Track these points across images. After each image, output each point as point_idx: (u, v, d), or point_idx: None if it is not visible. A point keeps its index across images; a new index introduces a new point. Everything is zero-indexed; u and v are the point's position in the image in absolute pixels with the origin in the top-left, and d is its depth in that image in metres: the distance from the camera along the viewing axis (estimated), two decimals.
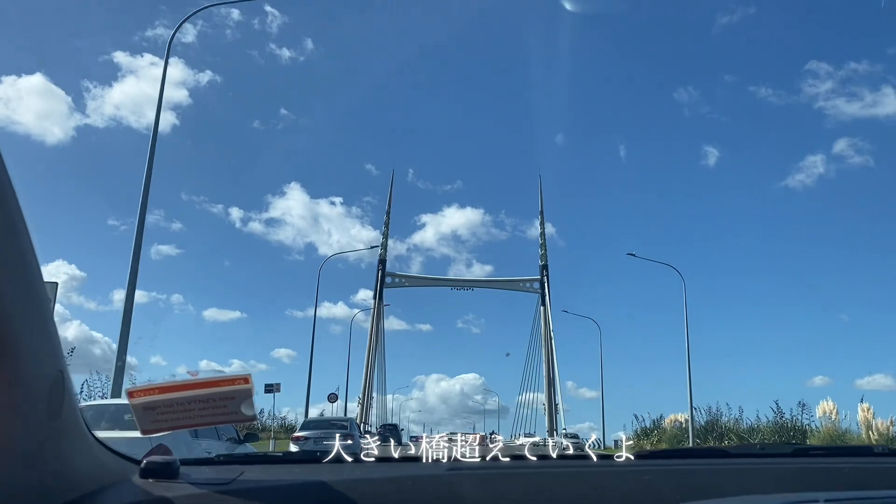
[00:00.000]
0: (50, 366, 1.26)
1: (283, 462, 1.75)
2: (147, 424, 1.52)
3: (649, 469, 1.75)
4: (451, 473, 1.63)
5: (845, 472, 1.76)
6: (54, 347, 1.28)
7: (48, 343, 1.26)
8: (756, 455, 2.00)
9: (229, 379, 1.52)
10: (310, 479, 1.56)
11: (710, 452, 1.97)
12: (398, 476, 1.63)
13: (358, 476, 1.61)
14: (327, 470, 1.65)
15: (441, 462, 1.72)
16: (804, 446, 2.04)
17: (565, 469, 1.78)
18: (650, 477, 1.68)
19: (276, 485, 1.55)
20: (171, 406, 1.51)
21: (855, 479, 1.72)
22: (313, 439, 17.90)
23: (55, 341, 1.28)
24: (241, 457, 1.78)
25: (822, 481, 1.71)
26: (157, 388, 1.50)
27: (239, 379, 1.53)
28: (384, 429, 47.89)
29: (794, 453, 1.98)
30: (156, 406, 1.50)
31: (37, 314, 1.21)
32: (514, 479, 1.66)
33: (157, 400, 1.50)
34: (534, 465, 1.75)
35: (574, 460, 1.90)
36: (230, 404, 1.54)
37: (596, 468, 1.81)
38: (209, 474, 1.59)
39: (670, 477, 1.70)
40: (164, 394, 1.50)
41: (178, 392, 1.51)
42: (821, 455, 1.96)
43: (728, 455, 1.96)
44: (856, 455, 1.98)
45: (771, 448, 2.08)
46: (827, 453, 1.99)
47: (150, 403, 1.50)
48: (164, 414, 1.51)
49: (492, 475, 1.67)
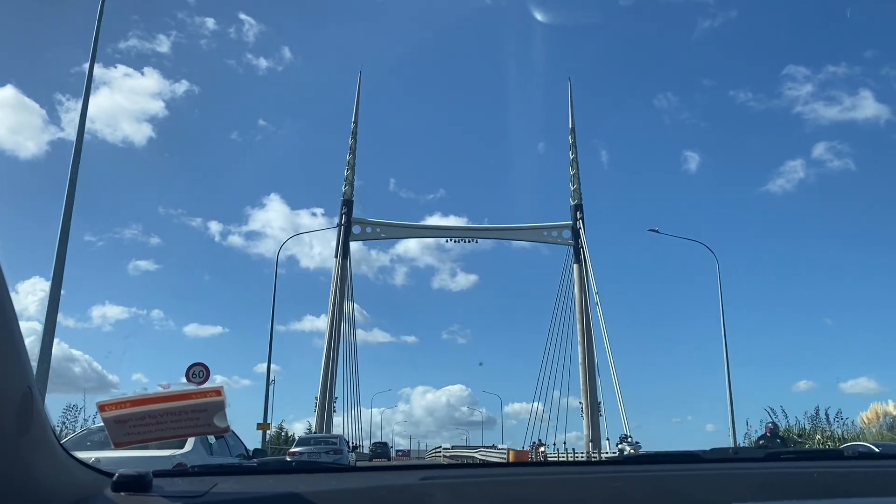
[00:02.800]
0: (18, 382, 1.26)
1: (257, 473, 1.75)
2: (119, 437, 1.53)
3: (621, 475, 1.76)
4: (424, 483, 1.64)
5: (815, 477, 1.78)
6: (22, 364, 1.28)
7: (16, 360, 1.25)
8: (730, 460, 2.03)
9: (201, 392, 1.53)
10: (283, 491, 1.57)
11: (683, 457, 1.99)
12: (372, 486, 1.63)
13: (332, 486, 1.62)
14: (300, 480, 1.66)
15: (416, 471, 1.73)
16: (777, 451, 2.07)
17: (537, 476, 1.80)
18: (621, 483, 1.70)
19: (250, 496, 1.55)
20: (143, 419, 1.52)
21: (826, 483, 1.75)
22: (307, 454, 19.95)
23: (23, 358, 1.28)
24: (214, 468, 1.78)
25: (794, 486, 1.73)
26: (129, 401, 1.51)
27: (211, 391, 1.54)
28: (376, 446, 57.39)
29: (767, 458, 2.00)
30: (127, 419, 1.50)
31: (3, 330, 1.21)
32: (485, 487, 1.67)
33: (129, 413, 1.50)
34: (506, 472, 1.76)
35: (548, 467, 1.91)
36: (202, 416, 1.54)
37: (568, 475, 1.82)
38: (182, 486, 1.59)
39: (642, 483, 1.72)
40: (135, 406, 1.51)
41: (150, 405, 1.51)
42: (793, 460, 1.99)
43: (702, 460, 1.98)
44: (827, 459, 2.01)
45: (744, 452, 2.11)
46: (799, 457, 2.02)
47: (122, 417, 1.50)
48: (135, 427, 1.52)
49: (464, 483, 1.68)
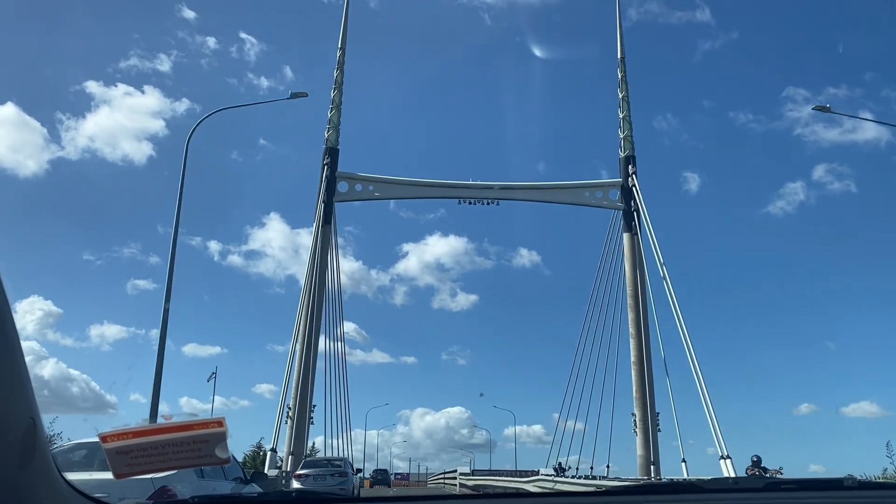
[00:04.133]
0: (22, 413, 1.27)
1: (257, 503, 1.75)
2: (120, 468, 1.53)
3: None
4: None
5: None
6: (27, 394, 1.29)
7: (20, 390, 1.27)
8: (729, 490, 2.02)
9: (203, 423, 1.54)
10: None
11: (683, 487, 1.99)
12: None
13: None
14: None
15: (410, 502, 1.73)
16: (776, 480, 2.07)
17: None
18: None
19: None
20: (146, 450, 1.53)
21: None
22: (313, 476, 20.76)
23: (27, 388, 1.30)
24: (216, 498, 1.79)
25: None
26: (131, 432, 1.52)
27: (213, 423, 1.55)
28: (376, 473, 58.49)
29: (766, 488, 2.00)
30: (129, 450, 1.51)
31: (8, 361, 1.23)
32: None
33: (131, 444, 1.51)
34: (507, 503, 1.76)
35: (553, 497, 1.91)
36: (203, 447, 1.55)
37: None
38: None
39: None
40: (137, 438, 1.52)
41: (152, 436, 1.52)
42: (792, 489, 1.99)
43: (702, 490, 1.98)
44: (826, 489, 2.01)
45: (744, 482, 2.11)
46: (798, 487, 2.02)
47: (124, 448, 1.51)
48: (137, 458, 1.53)
49: None
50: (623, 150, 44.01)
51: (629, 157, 43.60)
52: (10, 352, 1.23)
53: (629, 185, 42.99)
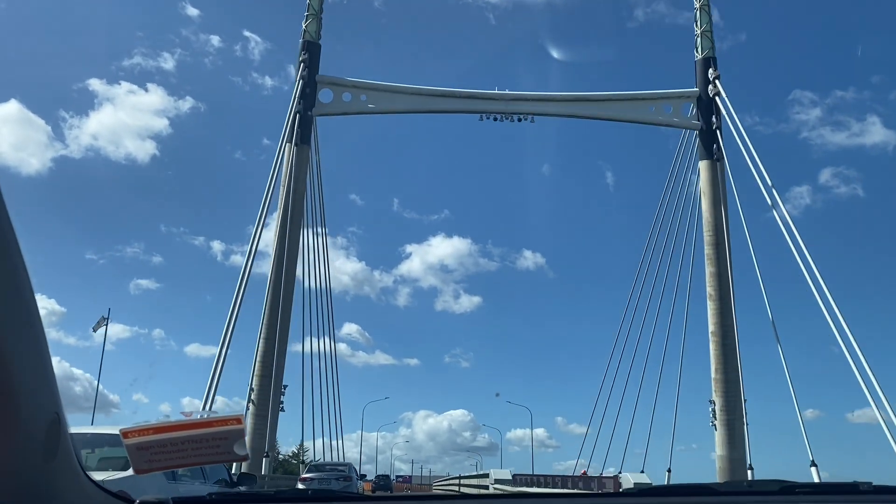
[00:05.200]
0: (47, 408, 1.28)
1: (274, 501, 1.76)
2: (141, 464, 1.55)
3: None
4: None
5: None
6: (52, 390, 1.30)
7: (46, 385, 1.28)
8: (743, 493, 2.02)
9: (222, 420, 1.55)
10: None
11: (697, 490, 1.99)
12: None
13: None
14: None
15: (422, 501, 1.74)
16: (791, 483, 2.06)
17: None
18: None
19: None
20: (165, 446, 1.54)
21: None
22: (318, 480, 21.38)
23: (52, 383, 1.30)
24: (233, 495, 1.79)
25: None
26: (152, 428, 1.53)
27: (232, 420, 1.56)
28: (379, 479, 57.93)
29: (781, 491, 1.99)
30: (149, 446, 1.53)
31: (35, 356, 1.24)
32: None
33: (151, 440, 1.52)
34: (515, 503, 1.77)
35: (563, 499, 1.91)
36: (223, 444, 1.56)
37: None
38: None
39: None
40: (158, 434, 1.53)
41: (172, 432, 1.53)
42: (807, 493, 1.98)
43: (716, 493, 1.97)
44: (841, 493, 2.00)
45: (759, 486, 2.10)
46: (813, 491, 2.01)
47: (144, 444, 1.52)
48: (157, 454, 1.54)
49: None
50: (699, 51, 32.80)
51: (708, 60, 32.24)
52: (37, 348, 1.24)
53: (709, 95, 31.71)
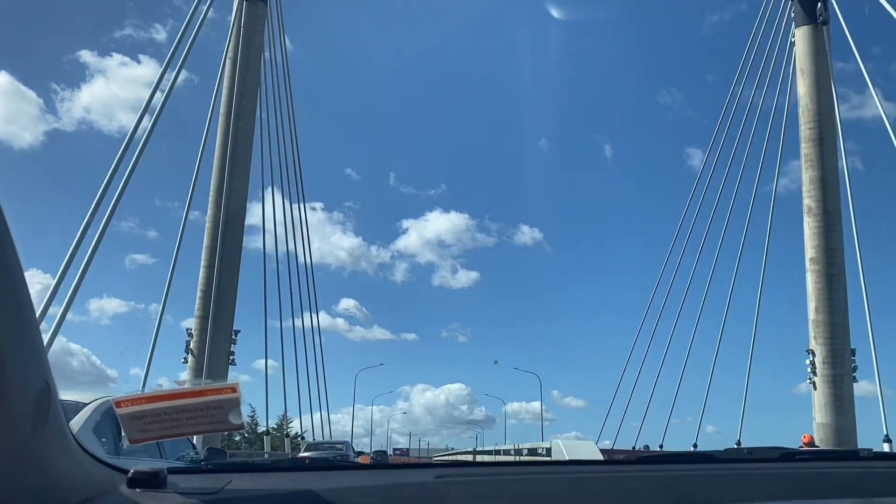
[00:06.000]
0: (35, 377, 1.25)
1: (272, 470, 1.74)
2: (134, 434, 1.52)
3: (637, 475, 1.75)
4: (439, 481, 1.63)
5: (831, 478, 1.77)
6: (40, 358, 1.27)
7: (33, 354, 1.25)
8: (744, 460, 2.01)
9: (217, 388, 1.52)
10: (298, 488, 1.56)
11: (698, 457, 1.98)
12: (386, 483, 1.62)
13: (345, 484, 1.60)
14: (314, 478, 1.65)
15: (430, 469, 1.72)
16: (791, 451, 2.06)
17: (553, 474, 1.79)
18: (638, 483, 1.69)
19: (265, 494, 1.54)
20: (159, 415, 1.51)
21: (841, 484, 1.74)
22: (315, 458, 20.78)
23: (41, 351, 1.27)
24: (229, 465, 1.78)
25: (810, 487, 1.72)
26: (145, 397, 1.50)
27: (227, 388, 1.53)
28: (376, 454, 59.53)
29: (782, 458, 1.99)
30: (143, 416, 1.50)
31: (21, 324, 1.20)
32: (501, 485, 1.66)
33: (144, 409, 1.49)
34: (521, 470, 1.75)
35: (564, 466, 1.90)
36: (217, 413, 1.53)
37: (585, 474, 1.81)
38: (197, 483, 1.58)
39: (658, 483, 1.71)
40: (151, 403, 1.50)
41: (166, 402, 1.50)
42: (808, 460, 1.98)
43: (716, 460, 1.97)
44: (842, 459, 2.00)
45: (759, 452, 2.10)
46: (814, 458, 2.01)
47: (138, 413, 1.49)
48: (151, 423, 1.51)
49: (479, 482, 1.67)
50: None
51: None
52: (24, 317, 1.21)
53: None
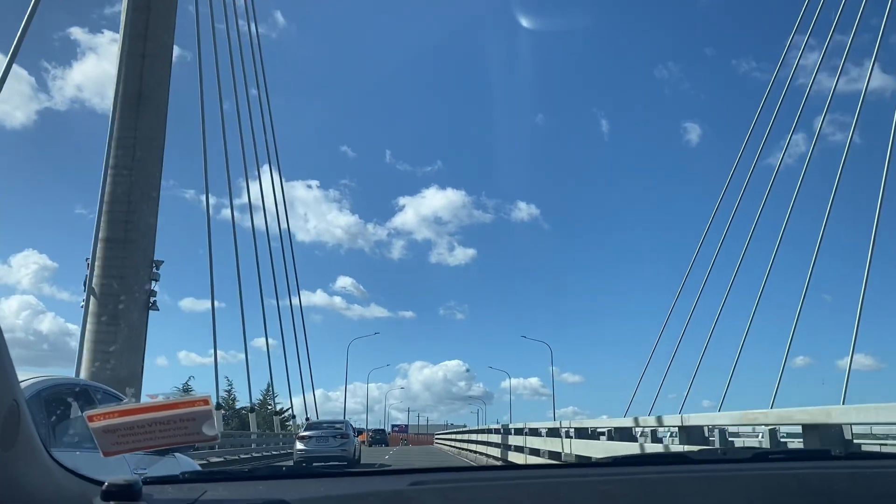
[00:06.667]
0: (3, 396, 1.27)
1: (247, 479, 1.76)
2: (107, 447, 1.54)
3: (610, 478, 1.77)
4: (414, 488, 1.65)
5: (801, 479, 1.79)
6: (8, 378, 1.28)
7: (1, 374, 1.26)
8: (718, 461, 2.04)
9: (189, 401, 1.54)
10: (273, 498, 1.58)
11: (670, 458, 2.01)
12: (360, 492, 1.65)
13: (322, 493, 1.63)
14: (290, 487, 1.67)
15: (406, 475, 1.74)
16: (763, 450, 2.08)
17: (528, 479, 1.81)
18: (610, 486, 1.71)
19: None
20: (132, 428, 1.53)
21: (812, 483, 1.76)
22: (315, 438, 21.80)
23: (9, 371, 1.28)
24: (205, 474, 1.80)
25: (781, 486, 1.74)
26: (117, 411, 1.52)
27: (198, 401, 1.54)
28: (375, 433, 60.71)
29: (755, 458, 2.01)
30: (116, 429, 1.51)
31: None
32: (476, 492, 1.68)
33: (117, 423, 1.51)
34: (496, 476, 1.78)
35: (539, 469, 1.92)
36: (191, 425, 1.55)
37: (560, 478, 1.83)
38: (172, 494, 1.60)
39: (630, 486, 1.73)
40: (124, 417, 1.51)
41: (139, 415, 1.52)
42: (780, 460, 2.00)
43: (689, 461, 1.99)
44: (814, 459, 2.02)
45: (732, 453, 2.12)
46: (786, 457, 2.03)
47: (110, 426, 1.51)
48: (125, 436, 1.53)
49: (454, 489, 1.69)
50: None
51: None
52: None
53: None
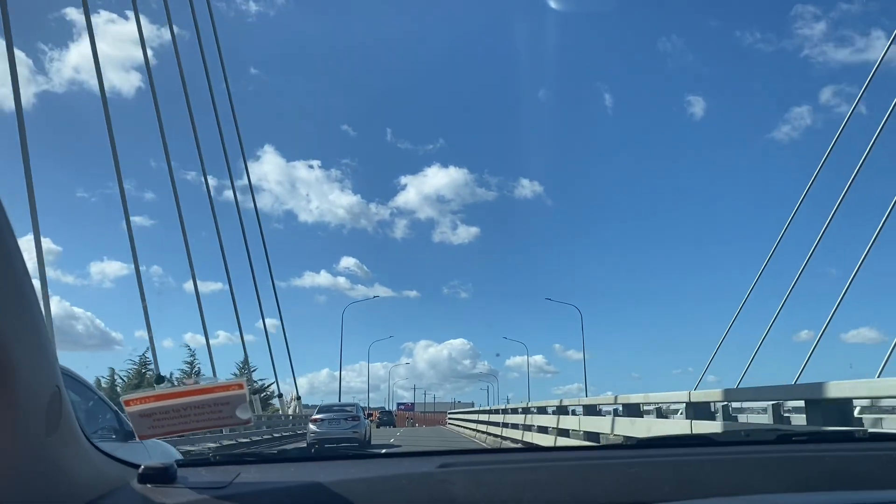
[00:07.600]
0: (46, 383, 1.28)
1: (280, 461, 1.78)
2: (143, 430, 1.56)
3: (636, 460, 1.79)
4: (443, 470, 1.67)
5: (827, 460, 1.80)
6: (50, 364, 1.29)
7: (44, 360, 1.27)
8: (742, 443, 2.05)
9: (224, 385, 1.56)
10: (305, 481, 1.60)
11: (696, 440, 2.02)
12: (391, 474, 1.66)
13: (352, 475, 1.64)
14: (321, 469, 1.69)
15: (434, 457, 1.76)
16: (788, 432, 2.09)
17: (556, 462, 1.82)
18: (637, 469, 1.73)
19: (273, 486, 1.58)
20: (167, 412, 1.55)
21: (837, 466, 1.77)
22: (327, 421, 22.88)
23: (51, 357, 1.30)
24: (238, 457, 1.82)
25: (806, 469, 1.76)
26: (153, 396, 1.54)
27: (233, 385, 1.57)
28: (382, 414, 62.05)
29: (779, 440, 2.02)
30: (152, 413, 1.54)
31: (32, 331, 1.23)
32: (504, 473, 1.70)
33: (153, 407, 1.53)
34: (524, 458, 1.79)
35: (568, 451, 1.94)
36: (225, 409, 1.57)
37: (586, 460, 1.85)
38: (206, 477, 1.62)
39: (657, 469, 1.74)
40: (159, 401, 1.54)
41: (174, 399, 1.54)
42: (804, 442, 2.01)
43: (715, 443, 2.00)
44: (838, 441, 2.03)
45: (756, 435, 2.13)
46: (810, 439, 2.04)
47: (146, 411, 1.53)
48: (160, 420, 1.55)
49: (482, 471, 1.71)
50: None
51: None
52: (34, 324, 1.23)
53: None
